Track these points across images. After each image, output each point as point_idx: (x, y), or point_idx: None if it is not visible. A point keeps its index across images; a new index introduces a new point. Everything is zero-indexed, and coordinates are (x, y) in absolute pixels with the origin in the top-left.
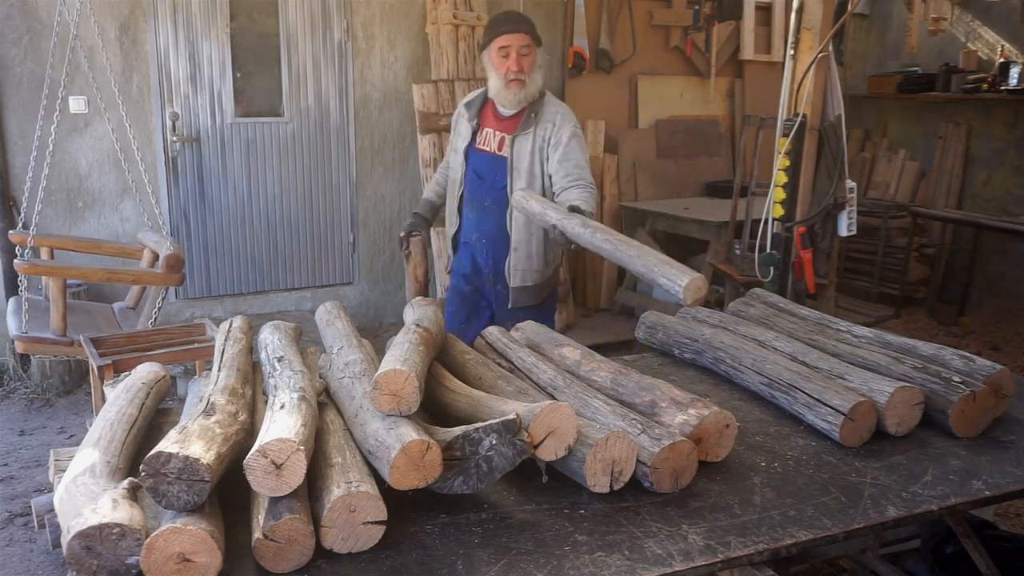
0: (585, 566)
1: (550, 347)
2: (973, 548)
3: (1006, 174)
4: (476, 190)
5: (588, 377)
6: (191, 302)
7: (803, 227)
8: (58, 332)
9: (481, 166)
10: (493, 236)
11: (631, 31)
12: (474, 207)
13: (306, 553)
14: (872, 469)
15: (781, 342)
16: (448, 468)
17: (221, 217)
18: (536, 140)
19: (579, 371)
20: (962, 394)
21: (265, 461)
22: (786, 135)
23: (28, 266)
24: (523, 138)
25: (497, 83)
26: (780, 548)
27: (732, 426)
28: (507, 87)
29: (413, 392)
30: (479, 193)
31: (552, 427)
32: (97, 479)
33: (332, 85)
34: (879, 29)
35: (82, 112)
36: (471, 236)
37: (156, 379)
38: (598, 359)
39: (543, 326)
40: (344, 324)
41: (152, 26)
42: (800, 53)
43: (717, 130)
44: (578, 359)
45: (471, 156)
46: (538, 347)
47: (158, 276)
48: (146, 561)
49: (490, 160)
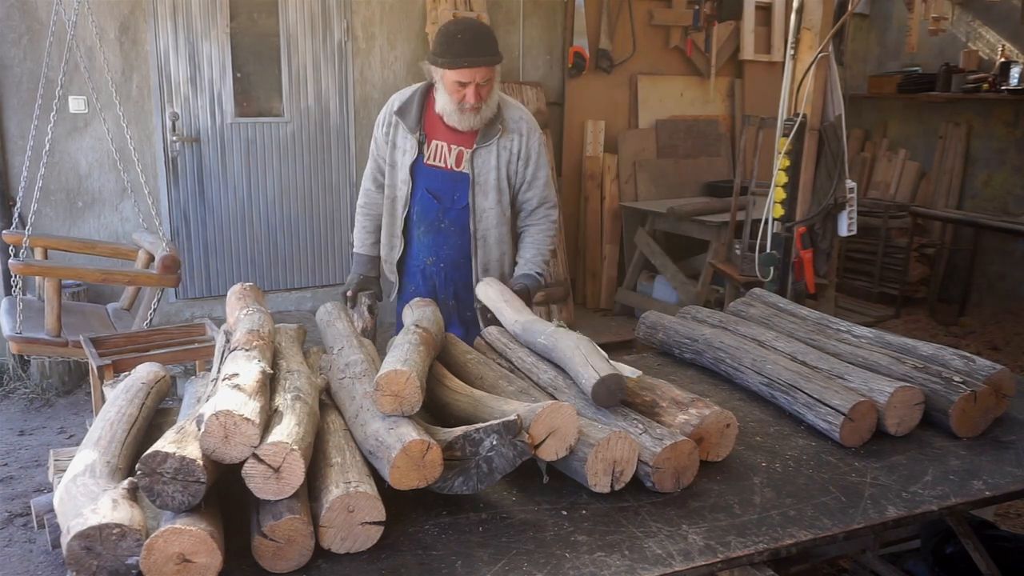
0: (585, 566)
1: None
2: (973, 548)
3: (1006, 174)
4: (430, 211)
5: None
6: (191, 302)
7: (803, 227)
8: (52, 333)
9: (436, 185)
10: (454, 261)
11: (631, 31)
12: (428, 229)
13: (305, 553)
14: (872, 469)
15: (781, 342)
16: (449, 468)
17: (221, 217)
18: (500, 151)
19: None
20: (963, 394)
21: (263, 467)
22: (786, 135)
23: (23, 266)
24: (484, 150)
25: (449, 106)
26: (780, 548)
27: (733, 426)
28: (461, 113)
29: (415, 392)
30: (433, 214)
31: (553, 427)
32: (97, 479)
33: (332, 85)
34: (879, 29)
35: (82, 112)
36: (424, 261)
37: (156, 379)
38: None
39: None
40: (344, 325)
41: (152, 26)
42: (800, 53)
43: (717, 130)
44: None
45: (420, 173)
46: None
47: (154, 277)
48: (146, 562)
49: (447, 177)
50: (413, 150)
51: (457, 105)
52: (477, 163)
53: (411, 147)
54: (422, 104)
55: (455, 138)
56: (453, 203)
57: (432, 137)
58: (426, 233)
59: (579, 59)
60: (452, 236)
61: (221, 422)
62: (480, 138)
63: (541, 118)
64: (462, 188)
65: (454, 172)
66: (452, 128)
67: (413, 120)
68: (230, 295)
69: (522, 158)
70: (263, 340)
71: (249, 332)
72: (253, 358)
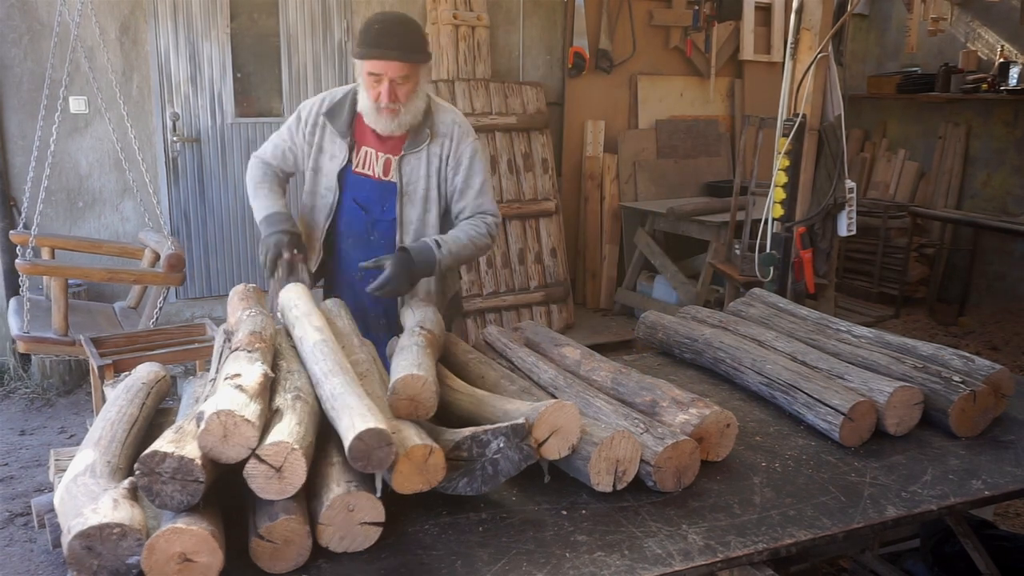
0: (585, 566)
1: (550, 347)
2: (973, 548)
3: (1006, 174)
4: (357, 222)
5: (588, 377)
6: (191, 302)
7: (803, 227)
8: (59, 332)
9: (363, 195)
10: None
11: (631, 31)
12: (356, 243)
13: (303, 553)
14: (872, 469)
15: (781, 342)
16: (454, 469)
17: (221, 217)
18: (430, 158)
19: (579, 371)
20: (962, 393)
21: (264, 467)
22: (786, 135)
23: (29, 266)
24: (413, 157)
25: (366, 103)
26: (780, 548)
27: (733, 426)
28: (378, 113)
29: (431, 397)
30: (361, 226)
31: (556, 426)
32: (97, 479)
33: (332, 85)
34: (879, 29)
35: (82, 112)
36: (352, 276)
37: (156, 379)
38: (598, 359)
39: (542, 325)
40: (345, 323)
41: (152, 26)
42: (800, 53)
43: (717, 130)
44: (578, 359)
45: (348, 181)
46: (537, 347)
47: (159, 275)
48: (147, 561)
49: (374, 187)
50: (343, 156)
51: (373, 103)
52: (405, 171)
53: (340, 152)
54: (353, 107)
55: (383, 145)
56: (382, 214)
57: (361, 143)
58: (354, 247)
59: (579, 59)
60: (381, 249)
61: (222, 421)
62: (408, 144)
63: (541, 118)
64: (390, 199)
65: (382, 182)
66: (380, 135)
67: (343, 123)
68: (232, 295)
69: (451, 164)
70: (264, 343)
71: (251, 334)
72: (255, 360)
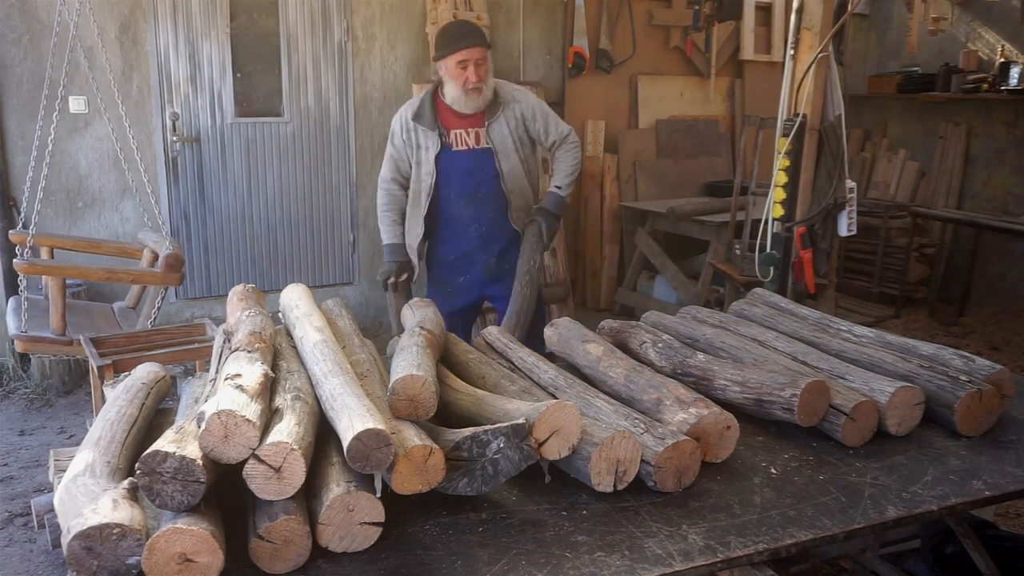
0: (585, 566)
1: (576, 342)
2: (973, 548)
3: (1006, 174)
4: (464, 187)
5: (605, 372)
6: (191, 302)
7: (803, 227)
8: (58, 331)
9: (466, 164)
10: (492, 221)
11: (631, 31)
12: (468, 201)
13: (303, 554)
14: (872, 469)
15: (782, 342)
16: (454, 469)
17: (221, 217)
18: (508, 120)
19: (598, 366)
20: (969, 390)
21: (263, 467)
22: (786, 135)
23: (28, 265)
24: (497, 125)
25: (456, 92)
26: (780, 548)
27: (734, 428)
28: (467, 95)
29: (431, 397)
30: (468, 188)
31: (556, 426)
32: (97, 479)
33: (332, 85)
34: (879, 29)
35: (82, 112)
36: (466, 229)
37: (156, 379)
38: (618, 356)
39: (576, 322)
40: (346, 323)
41: (152, 26)
42: (800, 53)
43: (717, 130)
44: (600, 355)
45: (449, 159)
46: (567, 342)
47: (157, 275)
48: (148, 562)
49: (474, 156)
50: (435, 144)
51: (463, 89)
52: (494, 135)
53: (433, 142)
54: (433, 105)
55: (468, 122)
56: (485, 175)
57: (450, 128)
58: (467, 205)
59: (579, 59)
60: (489, 200)
61: (222, 421)
62: (489, 115)
63: None
64: (489, 161)
65: (479, 149)
66: (463, 116)
67: (430, 120)
68: (232, 295)
69: (528, 117)
70: (264, 343)
71: (251, 334)
72: (255, 360)
